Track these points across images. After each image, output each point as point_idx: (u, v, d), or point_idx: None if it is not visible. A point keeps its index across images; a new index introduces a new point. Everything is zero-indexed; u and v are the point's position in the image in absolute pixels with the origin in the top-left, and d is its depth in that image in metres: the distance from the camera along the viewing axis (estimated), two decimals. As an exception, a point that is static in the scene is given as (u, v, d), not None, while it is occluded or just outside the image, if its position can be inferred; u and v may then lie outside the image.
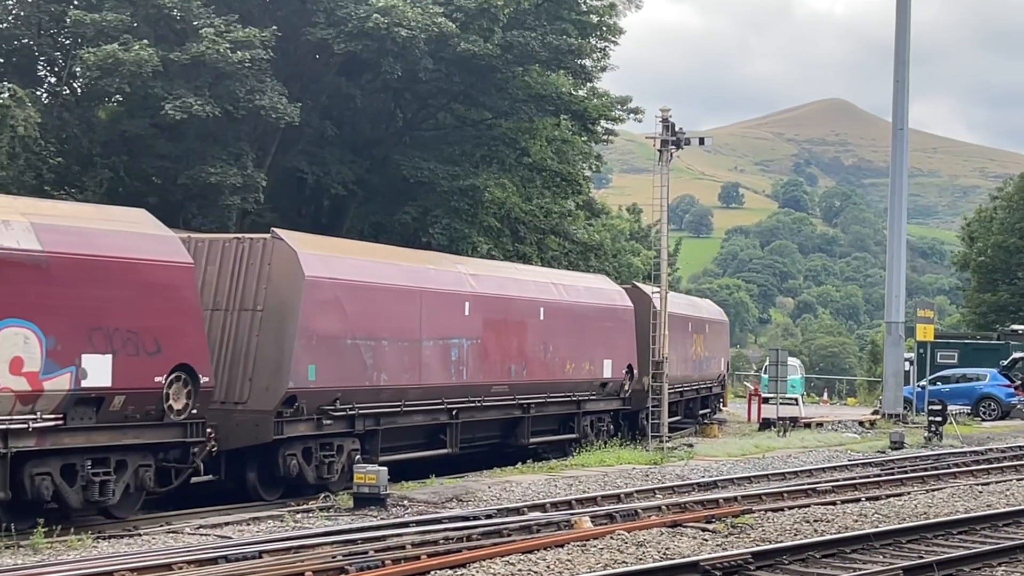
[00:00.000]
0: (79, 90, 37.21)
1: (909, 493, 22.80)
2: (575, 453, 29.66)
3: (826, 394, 69.92)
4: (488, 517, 18.46)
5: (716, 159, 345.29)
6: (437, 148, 42.88)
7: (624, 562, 14.97)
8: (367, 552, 15.17)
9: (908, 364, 49.63)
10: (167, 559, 14.52)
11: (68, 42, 36.00)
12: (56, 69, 37.35)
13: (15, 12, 35.75)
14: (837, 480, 25.03)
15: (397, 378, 23.98)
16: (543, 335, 29.12)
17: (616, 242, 63.01)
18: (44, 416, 17.11)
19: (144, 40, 32.68)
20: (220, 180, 33.66)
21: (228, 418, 20.71)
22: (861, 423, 42.36)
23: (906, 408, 45.69)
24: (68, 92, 37.12)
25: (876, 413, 45.61)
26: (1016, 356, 51.27)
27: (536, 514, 19.02)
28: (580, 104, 43.88)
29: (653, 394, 32.87)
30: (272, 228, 22.85)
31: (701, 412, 43.04)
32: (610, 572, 14.04)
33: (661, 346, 32.98)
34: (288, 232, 22.60)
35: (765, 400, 44.01)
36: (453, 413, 26.03)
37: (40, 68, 37.97)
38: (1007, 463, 29.55)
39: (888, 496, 22.35)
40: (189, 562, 14.45)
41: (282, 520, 18.86)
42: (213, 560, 14.66)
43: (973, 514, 19.33)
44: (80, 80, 35.78)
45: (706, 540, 16.80)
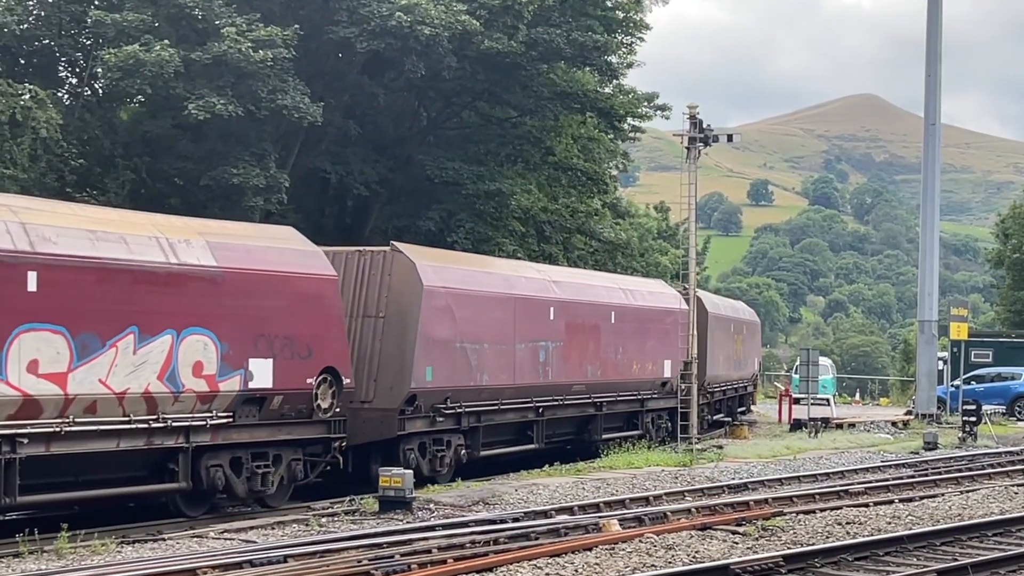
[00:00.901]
0: (100, 91, 37.12)
1: (943, 495, 22.73)
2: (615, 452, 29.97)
3: (858, 394, 69.79)
4: (515, 520, 18.39)
5: (745, 156, 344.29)
6: (461, 147, 42.66)
7: (653, 566, 14.92)
8: (393, 556, 15.14)
9: (941, 363, 49.20)
10: (192, 564, 14.52)
11: (89, 43, 35.92)
12: (77, 70, 37.24)
13: (36, 13, 35.65)
14: (870, 482, 24.91)
15: (495, 378, 26.37)
16: (614, 337, 31.27)
17: (643, 241, 62.69)
18: (218, 414, 19.56)
19: (165, 40, 32.59)
20: (243, 181, 33.50)
21: (355, 416, 22.72)
22: (894, 424, 42.19)
23: (940, 408, 45.38)
24: (89, 93, 37.09)
25: (909, 413, 45.43)
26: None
27: (564, 517, 18.94)
28: (606, 101, 43.61)
29: (683, 394, 32.71)
30: (391, 242, 25.51)
31: (740, 409, 44.67)
32: (639, 576, 13.93)
33: (690, 346, 32.68)
34: (406, 245, 25.37)
35: (796, 401, 43.71)
36: (539, 411, 28.33)
37: (61, 69, 37.93)
38: (1043, 463, 29.24)
39: (922, 498, 22.29)
40: (214, 567, 14.48)
41: (307, 524, 18.82)
42: (238, 565, 14.64)
43: (1008, 515, 19.24)
44: (101, 81, 35.62)
45: (736, 543, 16.68)
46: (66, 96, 37.28)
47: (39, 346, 16.91)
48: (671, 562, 15.14)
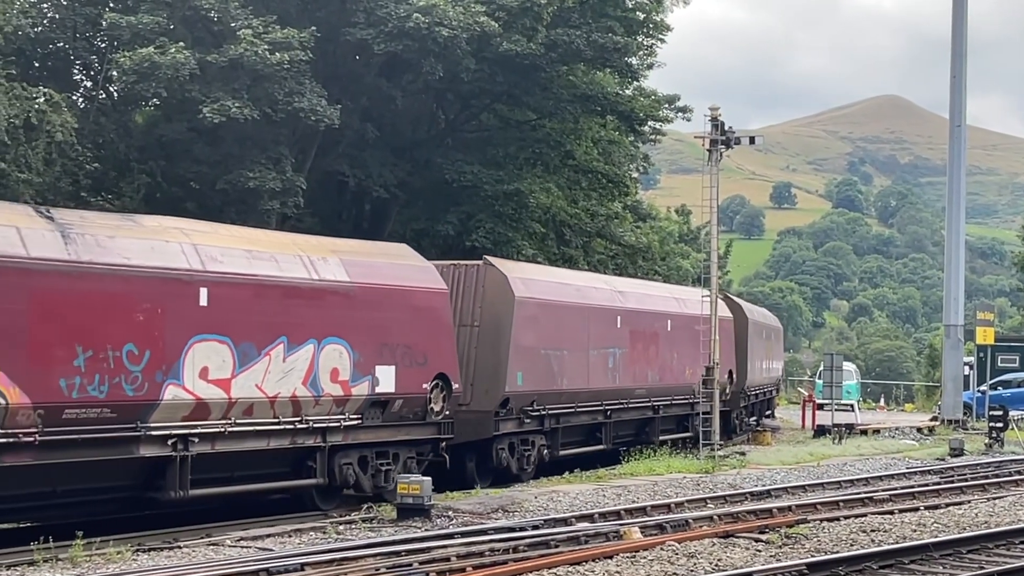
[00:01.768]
0: (115, 94, 36.87)
1: (969, 502, 22.78)
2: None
3: (883, 400, 69.71)
4: (535, 528, 18.36)
5: (767, 158, 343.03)
6: (480, 150, 42.40)
7: (675, 574, 14.95)
8: (411, 564, 15.21)
9: (967, 368, 48.97)
10: (207, 572, 14.62)
11: (104, 45, 35.76)
12: (92, 73, 37.06)
13: (50, 16, 35.51)
14: (895, 488, 24.91)
15: (573, 382, 28.77)
16: (670, 344, 33.46)
17: (664, 245, 62.37)
18: (350, 416, 21.70)
19: (181, 43, 32.36)
20: (259, 184, 33.27)
21: (455, 417, 24.53)
22: (919, 430, 42.24)
23: (966, 414, 45.17)
24: (104, 96, 36.91)
25: (935, 419, 45.28)
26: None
27: (584, 525, 18.91)
28: (627, 104, 43.31)
29: (704, 400, 32.58)
30: (484, 256, 27.78)
31: (766, 413, 46.67)
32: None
33: (712, 351, 32.46)
34: (497, 259, 27.96)
35: (820, 406, 43.50)
36: (607, 413, 30.71)
37: (76, 72, 37.70)
38: (1072, 470, 29.16)
39: (948, 505, 22.30)
40: (230, 575, 14.52)
41: (324, 532, 18.78)
42: (254, 573, 14.69)
43: (1036, 523, 19.23)
44: (116, 84, 35.37)
45: (759, 551, 16.64)
46: (81, 99, 37.09)
47: (209, 355, 19.05)
48: (693, 570, 15.13)
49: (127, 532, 18.04)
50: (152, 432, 18.37)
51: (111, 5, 35.44)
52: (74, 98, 35.96)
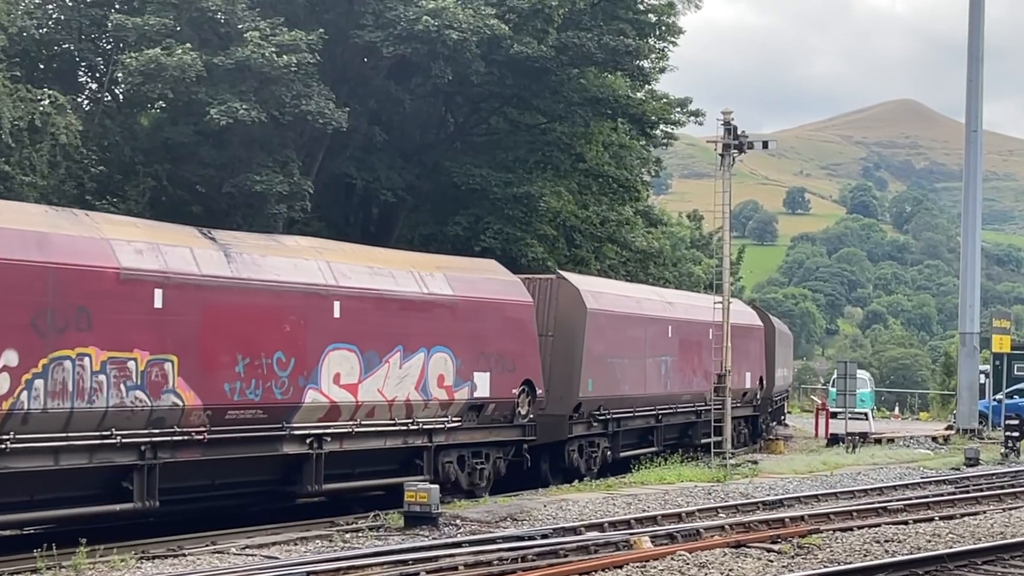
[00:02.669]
0: (121, 96, 36.72)
1: (985, 512, 22.71)
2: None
3: (897, 408, 69.64)
4: (544, 537, 18.40)
5: (780, 163, 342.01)
6: (489, 154, 42.15)
7: None
8: (418, 573, 15.29)
9: (983, 377, 48.66)
10: None
11: (109, 47, 35.52)
12: (97, 75, 36.87)
13: (55, 17, 35.27)
14: (909, 498, 24.92)
15: (633, 388, 31.15)
16: (711, 352, 34.23)
17: (676, 250, 62.05)
18: (451, 418, 24.13)
19: (187, 44, 32.10)
20: (266, 188, 33.01)
21: (536, 421, 26.65)
22: (934, 439, 42.07)
23: (981, 423, 44.91)
24: (110, 98, 36.64)
25: (950, 428, 45.02)
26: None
27: (594, 534, 18.90)
28: (638, 107, 43.05)
29: (716, 408, 32.40)
30: (557, 270, 31.01)
31: (780, 418, 48.78)
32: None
33: (725, 358, 32.21)
34: (569, 273, 31.10)
35: (833, 415, 43.16)
36: (659, 417, 33.21)
37: (81, 74, 37.48)
38: (1090, 479, 29.08)
39: (963, 515, 22.26)
40: None
41: (330, 540, 18.73)
42: None
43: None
44: (122, 86, 35.30)
45: (771, 561, 16.54)
46: (86, 102, 36.75)
47: (341, 362, 21.38)
48: (703, 581, 15.04)
49: (131, 540, 17.98)
50: (295, 431, 20.68)
51: (117, 6, 35.20)
52: (79, 100, 35.61)
